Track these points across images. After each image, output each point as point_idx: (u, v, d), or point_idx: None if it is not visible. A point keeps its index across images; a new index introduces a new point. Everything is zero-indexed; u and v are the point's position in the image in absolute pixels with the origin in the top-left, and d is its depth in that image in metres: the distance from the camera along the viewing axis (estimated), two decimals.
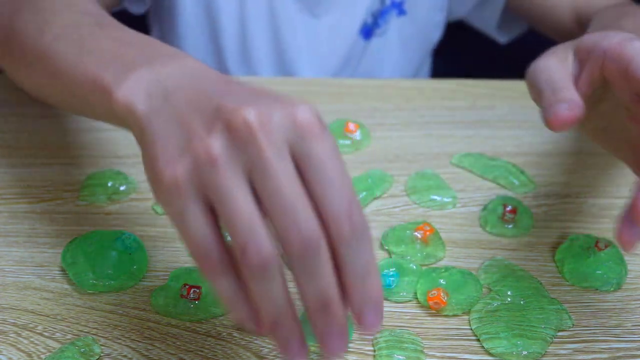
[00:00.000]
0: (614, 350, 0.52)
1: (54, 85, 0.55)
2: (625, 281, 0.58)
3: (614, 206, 0.65)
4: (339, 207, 0.39)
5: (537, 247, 0.61)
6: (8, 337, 0.52)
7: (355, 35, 0.89)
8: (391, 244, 0.60)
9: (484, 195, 0.66)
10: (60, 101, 0.57)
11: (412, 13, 0.90)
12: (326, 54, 0.90)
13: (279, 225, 0.39)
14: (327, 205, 0.39)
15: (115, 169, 0.66)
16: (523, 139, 0.72)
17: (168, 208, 0.41)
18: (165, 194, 0.40)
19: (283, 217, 0.38)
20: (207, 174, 0.39)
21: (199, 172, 0.39)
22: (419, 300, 0.56)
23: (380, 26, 0.90)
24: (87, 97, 0.49)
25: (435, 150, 0.70)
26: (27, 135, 0.71)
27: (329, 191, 0.39)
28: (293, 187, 0.38)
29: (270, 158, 0.38)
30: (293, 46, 0.88)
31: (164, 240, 0.60)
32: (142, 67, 0.45)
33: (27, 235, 0.61)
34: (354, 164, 0.68)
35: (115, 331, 0.53)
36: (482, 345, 0.52)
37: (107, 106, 0.46)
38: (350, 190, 0.39)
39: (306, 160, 0.39)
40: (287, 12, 0.87)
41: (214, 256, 0.40)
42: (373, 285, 0.40)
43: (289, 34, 0.88)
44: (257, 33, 0.88)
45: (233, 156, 0.38)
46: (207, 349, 0.52)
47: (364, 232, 0.39)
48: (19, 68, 0.60)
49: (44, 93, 0.59)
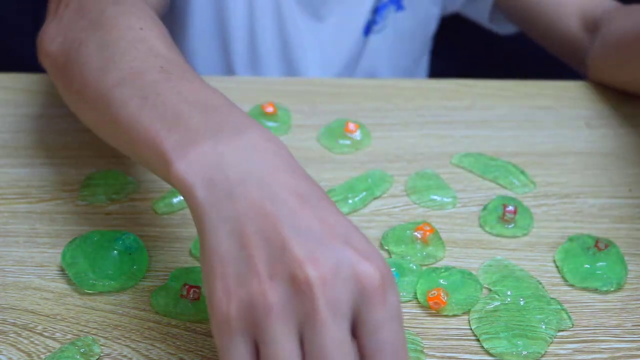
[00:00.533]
0: (614, 350, 0.52)
1: (112, 130, 0.52)
2: (625, 281, 0.58)
3: (614, 206, 0.65)
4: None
5: (537, 247, 0.61)
6: (8, 337, 0.52)
7: (359, 35, 0.89)
8: (391, 244, 0.60)
9: (484, 195, 0.66)
10: (117, 146, 0.54)
11: (410, 8, 0.90)
12: (331, 55, 0.90)
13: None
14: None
15: (115, 169, 0.66)
16: (523, 139, 0.72)
17: (216, 338, 0.41)
18: (216, 326, 0.40)
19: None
20: (260, 317, 0.39)
21: (252, 313, 0.39)
22: (418, 300, 0.56)
23: (378, 22, 0.90)
24: (145, 153, 0.47)
25: (435, 150, 0.70)
26: (26, 135, 0.71)
27: (378, 358, 0.39)
28: (339, 350, 0.38)
29: (323, 319, 0.38)
30: (299, 48, 0.89)
31: (164, 240, 0.60)
32: (205, 142, 0.43)
33: (27, 235, 0.61)
34: (354, 164, 0.68)
35: (115, 331, 0.53)
36: (482, 345, 0.52)
37: (164, 172, 0.45)
38: (402, 356, 0.39)
39: (363, 324, 0.39)
40: (293, 15, 0.87)
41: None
42: None
43: (295, 36, 0.88)
44: (264, 35, 0.88)
45: (288, 307, 0.38)
46: (207, 349, 0.52)
47: None
48: (77, 101, 0.57)
49: (100, 133, 0.56)
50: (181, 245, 0.60)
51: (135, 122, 0.48)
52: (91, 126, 0.57)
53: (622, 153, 0.71)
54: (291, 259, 0.38)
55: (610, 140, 0.72)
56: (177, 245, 0.60)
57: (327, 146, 0.71)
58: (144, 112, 0.48)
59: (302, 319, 0.38)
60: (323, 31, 0.88)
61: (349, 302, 0.39)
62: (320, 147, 0.71)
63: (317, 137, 0.72)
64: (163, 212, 0.63)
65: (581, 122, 0.75)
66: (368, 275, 0.39)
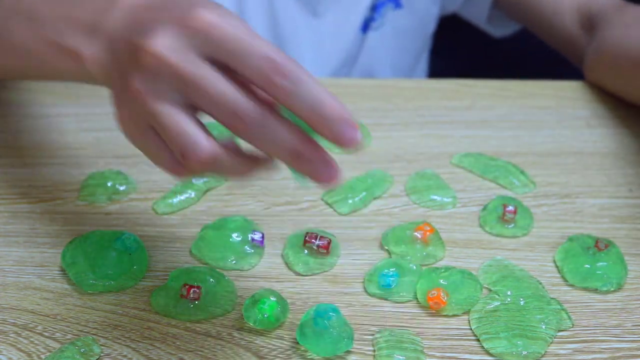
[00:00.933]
0: (614, 350, 0.53)
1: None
2: (625, 281, 0.58)
3: (614, 206, 0.65)
4: (258, 69, 0.42)
5: (537, 247, 0.61)
6: (8, 337, 0.52)
7: (357, 31, 0.89)
8: (391, 244, 0.60)
9: (484, 195, 0.66)
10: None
11: (408, 6, 0.90)
12: (329, 52, 0.89)
13: (220, 120, 0.43)
14: (249, 74, 0.42)
15: (115, 169, 0.66)
16: (523, 139, 0.72)
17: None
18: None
19: (217, 109, 0.43)
20: (140, 108, 0.44)
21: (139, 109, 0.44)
22: (419, 300, 0.56)
23: (376, 20, 0.89)
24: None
25: (435, 150, 0.70)
26: (27, 135, 0.71)
27: (241, 60, 0.42)
28: (213, 81, 0.42)
29: (184, 74, 0.42)
30: (295, 45, 0.88)
31: (164, 240, 0.60)
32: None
33: (27, 235, 0.61)
34: (354, 164, 0.68)
35: (115, 331, 0.53)
36: (482, 345, 0.52)
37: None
38: (262, 47, 0.42)
39: (215, 52, 0.43)
40: (288, 12, 0.87)
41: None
42: (331, 108, 0.43)
43: (291, 33, 0.88)
44: (259, 33, 0.88)
45: (155, 86, 0.43)
46: (207, 349, 0.52)
47: (294, 74, 0.42)
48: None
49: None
50: (181, 245, 0.60)
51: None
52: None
53: (622, 153, 0.71)
54: (138, 50, 0.44)
55: (610, 140, 0.72)
56: (177, 245, 0.60)
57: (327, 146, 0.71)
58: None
59: (174, 87, 0.43)
60: (320, 28, 0.88)
61: (196, 50, 0.43)
62: None
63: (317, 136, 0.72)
64: (163, 212, 0.63)
65: (581, 122, 0.75)
66: (195, 22, 0.43)
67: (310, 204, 0.64)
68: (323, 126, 0.43)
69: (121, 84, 0.46)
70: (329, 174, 0.45)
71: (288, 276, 0.58)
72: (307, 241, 0.59)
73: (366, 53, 0.92)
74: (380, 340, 0.52)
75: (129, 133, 0.47)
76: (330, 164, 0.45)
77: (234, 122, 0.43)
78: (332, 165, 0.45)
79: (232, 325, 0.54)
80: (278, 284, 0.57)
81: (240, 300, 0.55)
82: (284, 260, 0.59)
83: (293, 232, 0.61)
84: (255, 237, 0.59)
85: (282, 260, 0.59)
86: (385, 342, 0.52)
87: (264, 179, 0.66)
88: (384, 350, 0.51)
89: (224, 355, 0.52)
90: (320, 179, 0.45)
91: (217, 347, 0.52)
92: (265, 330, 0.53)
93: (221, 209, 0.63)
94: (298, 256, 0.58)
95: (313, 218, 0.63)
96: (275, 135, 0.43)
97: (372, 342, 0.52)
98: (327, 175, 0.45)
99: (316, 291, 0.56)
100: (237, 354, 0.52)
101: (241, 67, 0.42)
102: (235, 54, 0.42)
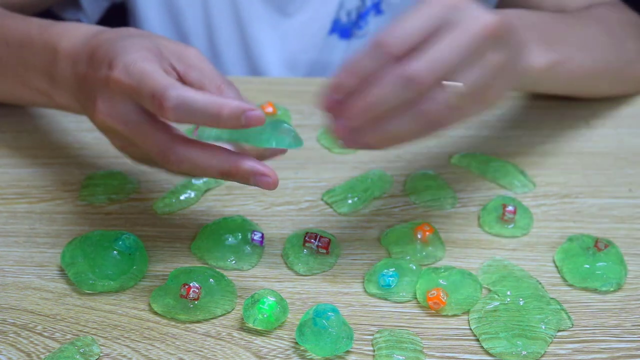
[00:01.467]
0: (613, 350, 0.52)
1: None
2: (625, 281, 0.58)
3: (614, 206, 0.65)
4: (152, 107, 0.51)
5: (537, 247, 0.61)
6: (8, 337, 0.52)
7: (326, 34, 0.89)
8: (391, 244, 0.60)
9: (483, 195, 0.66)
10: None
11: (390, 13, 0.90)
12: (296, 52, 0.89)
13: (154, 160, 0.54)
14: (154, 112, 0.52)
15: (115, 169, 0.66)
16: (523, 139, 0.72)
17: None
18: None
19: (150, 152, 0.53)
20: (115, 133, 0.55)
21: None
22: (418, 300, 0.56)
23: (362, 27, 0.89)
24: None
25: (435, 150, 0.70)
26: (27, 135, 0.71)
27: (143, 103, 0.52)
28: (141, 136, 0.53)
29: (123, 133, 0.53)
30: (261, 45, 0.88)
31: (164, 240, 0.60)
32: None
33: (27, 235, 0.61)
34: (354, 164, 0.68)
35: (114, 331, 0.53)
36: (482, 345, 0.52)
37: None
38: (148, 88, 0.50)
39: (132, 98, 0.52)
40: (253, 10, 0.87)
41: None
42: (226, 109, 0.49)
43: (256, 32, 0.88)
44: (223, 32, 0.88)
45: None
46: (206, 349, 0.52)
47: (176, 100, 0.49)
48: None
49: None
50: (181, 245, 0.60)
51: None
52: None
53: (622, 153, 0.71)
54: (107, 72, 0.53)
55: (610, 140, 0.72)
56: (177, 245, 0.60)
57: (327, 146, 0.71)
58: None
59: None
60: (287, 28, 0.88)
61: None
62: (320, 147, 0.71)
63: (317, 137, 0.72)
64: (163, 212, 0.63)
65: (581, 122, 0.75)
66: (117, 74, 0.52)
67: (309, 204, 0.64)
68: (227, 124, 0.50)
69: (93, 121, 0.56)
70: (265, 180, 0.52)
71: (288, 276, 0.58)
72: (307, 241, 0.59)
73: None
74: (380, 340, 0.52)
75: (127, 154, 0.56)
76: (260, 171, 0.51)
77: (160, 161, 0.52)
78: (263, 171, 0.52)
79: (232, 325, 0.54)
80: (278, 284, 0.57)
81: (240, 300, 0.55)
82: (284, 260, 0.59)
83: (293, 232, 0.61)
84: (255, 237, 0.59)
85: (282, 260, 0.59)
86: (385, 342, 0.52)
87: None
88: (383, 350, 0.51)
89: (224, 355, 0.52)
90: (260, 185, 0.52)
91: (216, 347, 0.52)
92: (265, 330, 0.53)
93: (221, 209, 0.64)
94: (298, 256, 0.58)
95: (313, 218, 0.63)
96: (198, 164, 0.52)
97: (372, 342, 0.52)
98: (264, 181, 0.52)
99: (316, 291, 0.56)
100: (237, 354, 0.52)
101: (147, 108, 0.52)
102: (138, 100, 0.52)
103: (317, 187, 0.66)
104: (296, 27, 0.88)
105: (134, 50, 0.53)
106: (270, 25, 0.88)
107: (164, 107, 0.49)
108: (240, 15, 0.87)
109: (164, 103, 0.49)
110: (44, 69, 0.61)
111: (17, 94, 0.68)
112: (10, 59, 0.65)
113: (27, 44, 0.63)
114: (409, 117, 0.50)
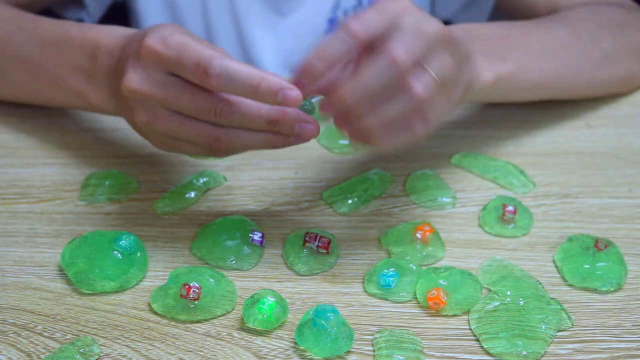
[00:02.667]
0: (613, 350, 0.52)
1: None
2: (625, 281, 0.58)
3: (614, 206, 0.65)
4: (194, 76, 0.52)
5: (537, 247, 0.61)
6: (8, 337, 0.52)
7: (322, 33, 0.89)
8: (391, 244, 0.60)
9: (483, 195, 0.66)
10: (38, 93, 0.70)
11: None
12: (292, 51, 0.89)
13: (201, 118, 0.55)
14: (193, 81, 0.53)
15: (115, 169, 0.67)
16: (523, 139, 0.72)
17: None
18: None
19: (193, 112, 0.55)
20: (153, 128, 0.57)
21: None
22: (418, 300, 0.56)
23: None
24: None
25: (435, 150, 0.70)
26: (27, 135, 0.71)
27: (182, 73, 0.53)
28: (176, 95, 0.54)
29: (156, 97, 0.54)
30: (258, 44, 0.88)
31: (164, 240, 0.60)
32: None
33: (27, 235, 0.61)
34: (354, 164, 0.68)
35: (114, 331, 0.53)
36: (482, 345, 0.52)
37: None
38: (191, 56, 0.52)
39: (166, 68, 0.53)
40: (250, 10, 0.87)
41: None
42: (265, 85, 0.52)
43: (253, 31, 0.88)
44: (221, 32, 0.88)
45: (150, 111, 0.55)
46: (206, 349, 0.52)
47: (220, 70, 0.51)
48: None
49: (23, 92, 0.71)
50: (181, 245, 0.60)
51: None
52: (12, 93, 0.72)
53: (622, 153, 0.71)
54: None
55: (610, 140, 0.72)
56: (177, 245, 0.60)
57: (327, 146, 0.71)
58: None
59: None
60: (284, 26, 0.88)
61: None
62: (320, 147, 0.71)
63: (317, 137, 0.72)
64: (163, 212, 0.63)
65: (581, 122, 0.75)
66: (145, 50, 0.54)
67: (309, 204, 0.64)
68: (264, 97, 0.52)
69: (129, 116, 0.58)
70: (309, 128, 0.56)
71: (288, 276, 0.58)
72: (307, 241, 0.59)
73: None
74: (380, 340, 0.52)
75: (158, 144, 0.58)
76: (306, 118, 0.55)
77: (211, 116, 0.54)
78: (308, 118, 0.55)
79: (232, 325, 0.54)
80: (278, 284, 0.57)
81: (240, 300, 0.55)
82: (284, 260, 0.59)
83: (292, 232, 0.61)
84: (255, 237, 0.59)
85: (282, 260, 0.59)
86: (385, 342, 0.52)
87: (264, 180, 0.66)
88: (383, 350, 0.51)
89: (224, 355, 0.52)
90: (303, 134, 0.55)
91: (216, 347, 0.52)
92: (265, 330, 0.53)
93: (221, 209, 0.64)
94: (298, 256, 0.59)
95: (313, 218, 0.63)
96: (247, 112, 0.54)
97: (372, 342, 0.52)
98: (309, 128, 0.56)
99: (316, 291, 0.56)
100: (237, 354, 0.52)
101: (185, 77, 0.53)
102: (177, 69, 0.53)
103: (317, 187, 0.66)
104: (292, 26, 0.88)
105: (167, 27, 0.55)
106: (267, 25, 0.88)
107: (208, 74, 0.51)
108: (237, 15, 0.88)
109: (209, 71, 0.51)
110: (82, 67, 0.63)
111: (47, 95, 0.69)
112: (43, 59, 0.66)
113: (66, 43, 0.65)
114: (399, 101, 0.52)
